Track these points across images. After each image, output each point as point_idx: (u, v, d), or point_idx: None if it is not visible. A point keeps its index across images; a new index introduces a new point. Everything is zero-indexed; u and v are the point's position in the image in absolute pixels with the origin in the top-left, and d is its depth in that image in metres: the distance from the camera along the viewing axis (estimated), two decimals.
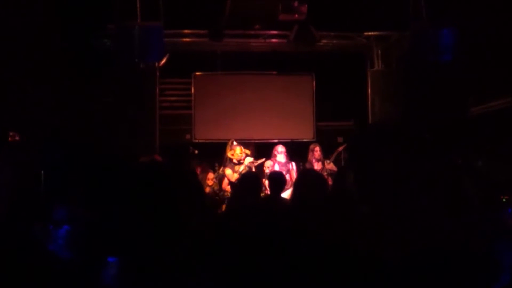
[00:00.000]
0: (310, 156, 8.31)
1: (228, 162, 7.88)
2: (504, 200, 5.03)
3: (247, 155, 7.92)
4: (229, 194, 7.83)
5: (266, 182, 6.86)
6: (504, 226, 3.05)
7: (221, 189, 8.17)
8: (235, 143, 7.95)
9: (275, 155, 8.11)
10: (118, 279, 1.65)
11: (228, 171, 7.77)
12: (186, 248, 1.68)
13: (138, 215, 1.70)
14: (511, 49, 6.88)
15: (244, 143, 8.17)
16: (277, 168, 7.85)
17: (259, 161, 8.06)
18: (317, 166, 8.21)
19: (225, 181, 8.00)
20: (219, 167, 8.37)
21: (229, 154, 7.87)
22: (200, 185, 2.70)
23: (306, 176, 3.84)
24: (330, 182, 7.86)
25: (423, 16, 7.20)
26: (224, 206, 7.81)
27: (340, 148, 8.28)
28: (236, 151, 7.81)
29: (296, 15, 7.85)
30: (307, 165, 8.27)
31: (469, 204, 1.93)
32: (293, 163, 8.06)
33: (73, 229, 3.58)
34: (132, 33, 6.67)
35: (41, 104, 7.19)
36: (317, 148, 8.29)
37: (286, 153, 8.13)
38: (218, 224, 3.49)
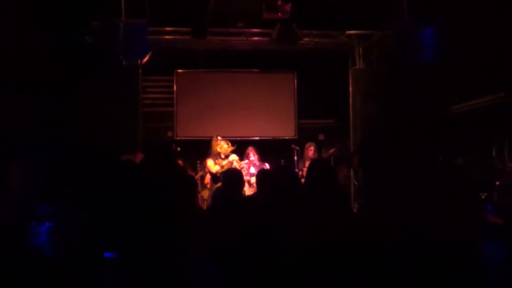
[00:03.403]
0: (305, 154, 8.69)
1: (213, 155, 7.96)
2: (483, 197, 5.09)
3: (233, 151, 8.06)
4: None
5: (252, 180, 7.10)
6: (484, 223, 3.10)
7: (203, 186, 8.22)
8: (219, 137, 8.05)
9: (250, 157, 8.32)
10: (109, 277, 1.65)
11: (210, 162, 7.88)
12: (178, 244, 1.69)
13: (125, 213, 1.70)
14: (491, 49, 6.98)
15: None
16: (252, 170, 8.01)
17: (242, 162, 8.20)
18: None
19: (207, 177, 8.06)
20: (201, 166, 8.41)
21: (217, 148, 7.97)
22: (192, 181, 2.73)
23: (279, 173, 3.91)
24: None
25: (405, 15, 7.27)
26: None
27: (331, 151, 8.73)
28: (224, 146, 7.94)
29: (280, 14, 7.87)
30: (300, 163, 8.66)
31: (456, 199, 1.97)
32: (267, 164, 8.25)
33: (55, 226, 3.56)
34: (116, 30, 6.63)
35: (21, 101, 7.11)
36: (312, 148, 8.72)
37: (258, 156, 8.39)
38: (205, 220, 3.51)
